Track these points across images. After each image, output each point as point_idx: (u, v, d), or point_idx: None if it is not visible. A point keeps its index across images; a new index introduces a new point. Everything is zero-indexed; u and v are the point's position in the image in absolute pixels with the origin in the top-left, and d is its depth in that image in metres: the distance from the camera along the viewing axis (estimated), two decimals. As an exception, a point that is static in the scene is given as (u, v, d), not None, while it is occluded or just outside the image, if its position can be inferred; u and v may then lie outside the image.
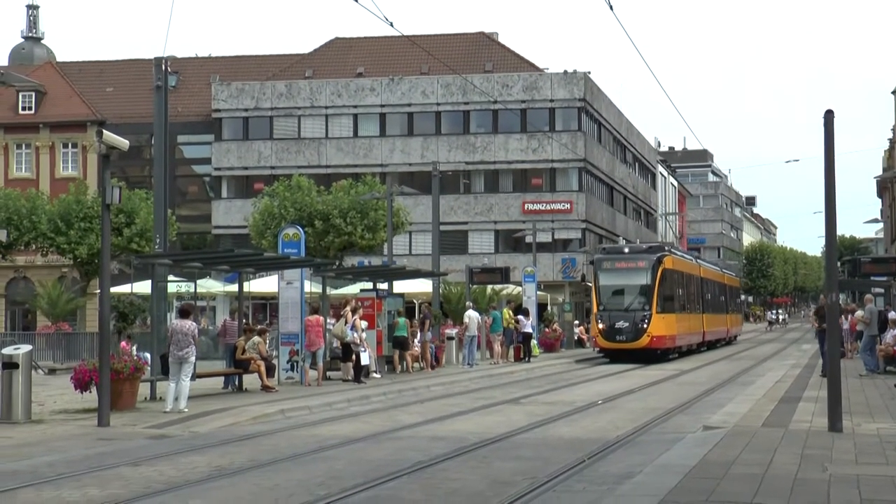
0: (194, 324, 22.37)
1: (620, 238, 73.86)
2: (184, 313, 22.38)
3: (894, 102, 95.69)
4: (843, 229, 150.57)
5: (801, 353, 49.72)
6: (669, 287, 45.90)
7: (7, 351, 20.42)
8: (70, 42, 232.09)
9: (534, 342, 44.33)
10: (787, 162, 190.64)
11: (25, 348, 20.73)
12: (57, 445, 16.58)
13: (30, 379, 20.17)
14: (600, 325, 44.07)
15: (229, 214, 77.39)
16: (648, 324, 42.91)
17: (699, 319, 53.39)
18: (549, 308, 61.77)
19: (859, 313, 33.69)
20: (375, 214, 56.40)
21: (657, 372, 35.81)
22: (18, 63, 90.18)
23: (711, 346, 57.48)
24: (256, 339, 26.64)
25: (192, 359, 21.63)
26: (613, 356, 43.27)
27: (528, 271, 51.87)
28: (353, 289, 40.08)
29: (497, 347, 40.94)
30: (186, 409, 21.01)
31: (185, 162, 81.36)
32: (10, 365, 19.80)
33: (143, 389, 22.66)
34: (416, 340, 34.96)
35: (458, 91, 75.56)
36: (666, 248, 49.89)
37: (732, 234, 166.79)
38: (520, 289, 53.44)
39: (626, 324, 43.04)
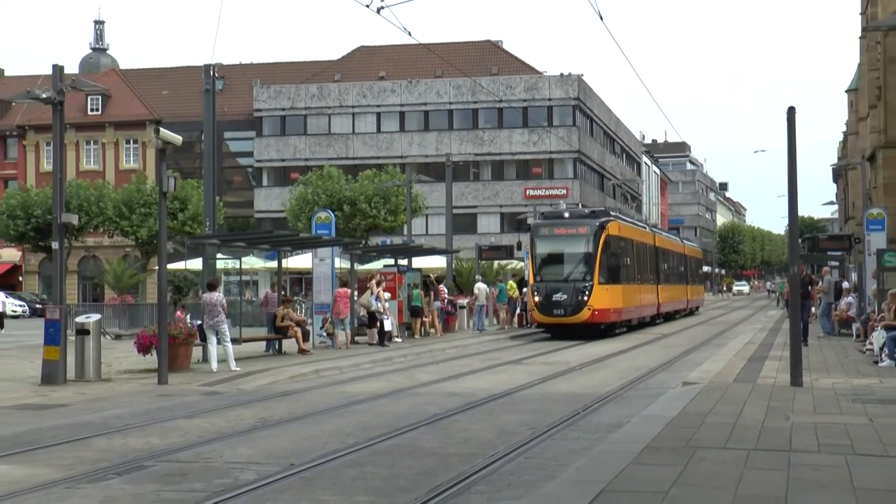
0: (221, 295, 22.33)
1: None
2: (211, 287, 22.30)
3: (847, 100, 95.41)
4: (804, 210, 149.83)
5: (768, 318, 49.53)
6: (615, 255, 35.98)
7: (80, 319, 20.54)
8: (131, 51, 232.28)
9: (535, 310, 44.04)
10: (756, 152, 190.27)
11: (95, 317, 20.82)
12: (123, 401, 16.71)
13: (99, 343, 20.28)
14: (536, 298, 34.42)
15: (269, 200, 77.53)
16: (589, 296, 33.59)
17: (653, 290, 43.62)
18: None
19: (822, 284, 33.67)
20: (396, 200, 56.55)
21: (642, 335, 35.76)
22: (87, 71, 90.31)
23: (669, 317, 48.20)
24: (289, 310, 26.81)
25: (224, 326, 21.61)
26: (553, 331, 34.81)
27: (530, 248, 51.64)
28: (378, 265, 40.04)
29: (503, 315, 40.80)
30: (238, 369, 21.10)
31: (230, 155, 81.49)
32: (83, 331, 19.94)
33: (197, 353, 22.73)
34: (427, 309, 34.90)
35: (468, 92, 75.48)
36: (612, 213, 39.46)
37: (708, 216, 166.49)
38: (522, 264, 53.30)
39: (565, 296, 33.73)
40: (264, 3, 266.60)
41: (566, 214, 37.13)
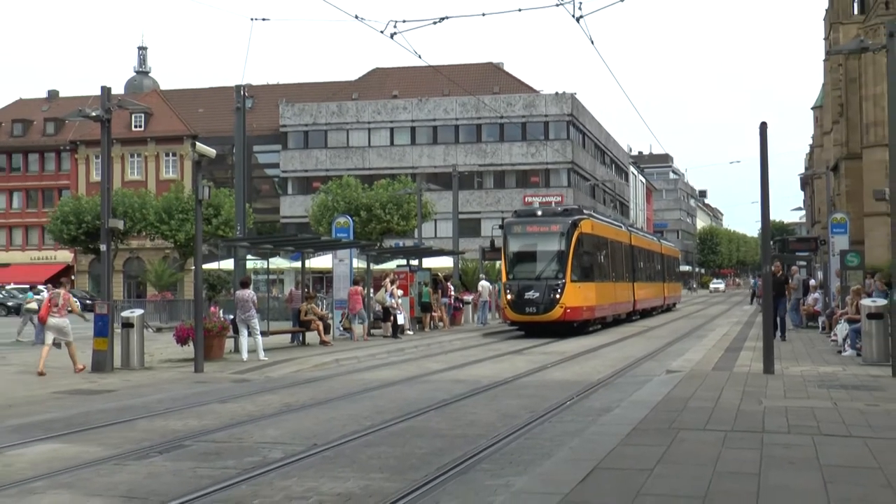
0: (252, 292, 22.34)
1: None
2: (244, 285, 22.35)
3: (813, 116, 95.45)
4: (775, 215, 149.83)
5: (743, 312, 49.35)
6: (588, 253, 32.09)
7: (125, 314, 20.59)
8: (171, 74, 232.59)
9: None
10: (731, 163, 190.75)
11: (138, 312, 20.87)
12: (164, 387, 16.73)
13: (142, 335, 20.34)
14: (509, 296, 30.91)
15: (293, 207, 77.65)
16: (562, 294, 30.15)
17: (629, 288, 39.68)
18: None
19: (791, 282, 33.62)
20: (408, 206, 56.55)
21: (630, 328, 35.66)
22: (131, 91, 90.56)
23: (646, 314, 44.75)
24: (311, 305, 26.88)
25: (255, 321, 21.67)
26: (526, 329, 31.41)
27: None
28: (391, 265, 40.07)
29: (504, 310, 40.69)
30: (266, 358, 21.11)
31: (259, 166, 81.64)
32: (128, 325, 20.01)
33: (229, 344, 22.75)
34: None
35: (472, 109, 75.52)
36: (585, 211, 34.88)
37: (688, 220, 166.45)
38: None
39: (537, 294, 30.27)
40: (289, 30, 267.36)
41: (539, 213, 32.90)
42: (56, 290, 19.88)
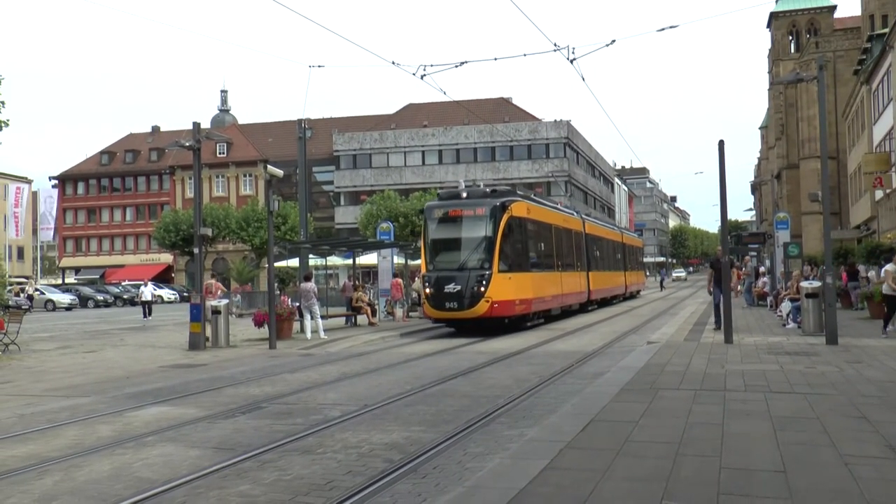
0: (313, 284, 22.41)
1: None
2: (306, 278, 22.47)
3: (760, 134, 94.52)
4: (731, 215, 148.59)
5: (706, 294, 48.90)
6: (521, 240, 22.90)
7: (213, 303, 20.70)
8: (246, 110, 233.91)
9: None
10: (696, 173, 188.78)
11: (224, 301, 20.98)
12: (245, 361, 16.79)
13: (227, 320, 20.43)
14: (428, 290, 21.75)
15: (345, 216, 77.73)
16: (487, 286, 21.19)
17: (581, 277, 30.73)
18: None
19: (745, 269, 33.42)
20: (437, 213, 56.44)
21: (619, 308, 35.46)
22: (216, 125, 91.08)
23: (605, 303, 37.00)
24: (360, 294, 26.97)
25: (315, 307, 21.71)
26: (453, 326, 22.94)
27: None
28: (424, 260, 39.99)
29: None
30: (325, 337, 21.16)
31: (317, 183, 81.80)
32: (216, 312, 20.10)
33: (296, 326, 22.82)
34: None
35: (487, 134, 75.34)
36: (520, 193, 24.67)
37: (662, 221, 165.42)
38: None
39: (459, 287, 21.24)
40: (340, 74, 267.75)
41: (464, 194, 22.67)
42: (210, 281, 23.08)
